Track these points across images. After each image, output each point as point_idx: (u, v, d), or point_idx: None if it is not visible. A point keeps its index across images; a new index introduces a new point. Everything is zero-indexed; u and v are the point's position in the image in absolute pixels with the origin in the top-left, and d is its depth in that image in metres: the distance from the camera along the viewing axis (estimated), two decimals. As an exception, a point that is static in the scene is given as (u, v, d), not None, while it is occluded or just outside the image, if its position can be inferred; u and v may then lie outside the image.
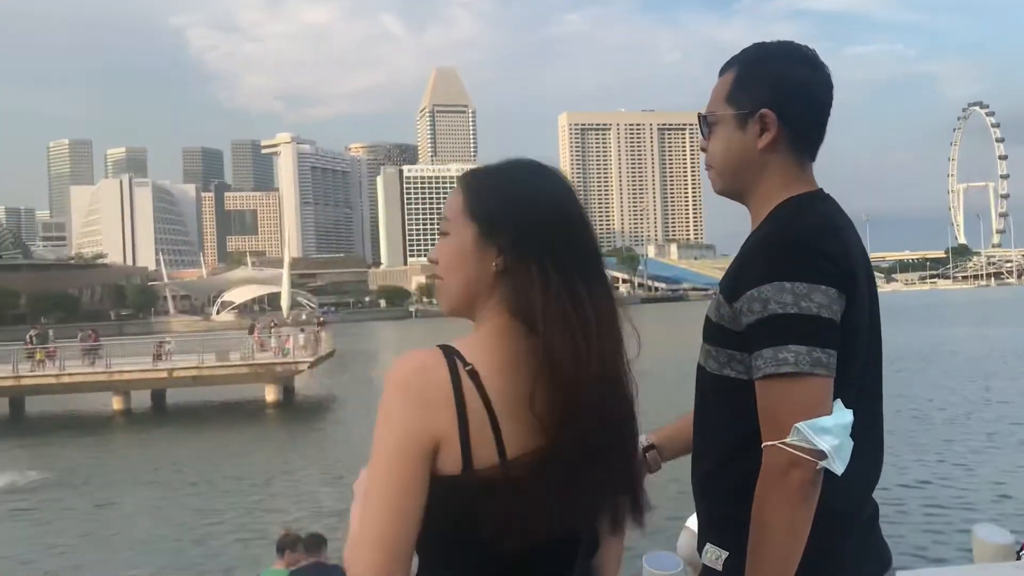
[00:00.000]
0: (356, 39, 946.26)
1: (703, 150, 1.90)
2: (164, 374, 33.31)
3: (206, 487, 18.61)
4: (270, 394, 33.00)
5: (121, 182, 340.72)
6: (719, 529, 1.75)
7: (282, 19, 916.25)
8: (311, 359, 35.21)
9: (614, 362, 1.46)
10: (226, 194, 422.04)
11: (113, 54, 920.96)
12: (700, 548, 1.78)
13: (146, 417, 32.37)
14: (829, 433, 1.54)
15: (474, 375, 1.37)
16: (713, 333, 1.75)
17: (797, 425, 1.55)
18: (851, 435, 1.58)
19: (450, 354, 1.39)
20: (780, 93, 1.76)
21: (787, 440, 1.56)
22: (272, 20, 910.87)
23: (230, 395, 34.32)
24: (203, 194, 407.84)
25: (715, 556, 1.73)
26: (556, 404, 1.39)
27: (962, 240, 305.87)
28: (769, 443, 1.58)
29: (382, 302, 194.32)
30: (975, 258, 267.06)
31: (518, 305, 1.43)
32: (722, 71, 1.86)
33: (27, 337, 36.77)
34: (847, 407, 1.60)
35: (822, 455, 1.54)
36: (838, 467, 1.54)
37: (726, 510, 1.74)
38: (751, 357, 1.64)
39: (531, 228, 1.43)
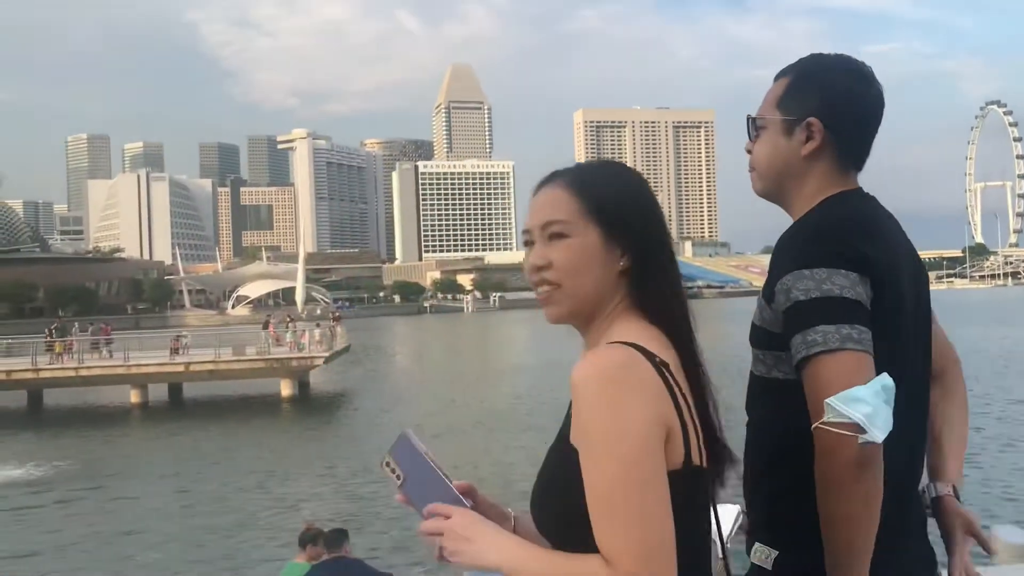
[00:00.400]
0: (372, 35, 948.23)
1: (748, 152, 1.92)
2: (181, 368, 33.49)
3: (224, 480, 18.71)
4: (285, 388, 33.15)
5: (138, 177, 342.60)
6: (768, 529, 1.75)
7: (298, 15, 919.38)
8: (326, 354, 35.30)
9: None
10: (242, 189, 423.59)
11: (130, 49, 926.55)
12: (748, 548, 1.78)
13: (163, 410, 32.58)
14: (861, 402, 1.51)
15: (666, 367, 1.36)
16: (758, 337, 1.77)
17: (827, 401, 1.53)
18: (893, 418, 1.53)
19: (638, 348, 1.36)
20: (829, 103, 1.79)
21: (824, 419, 1.54)
22: (288, 16, 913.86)
23: (246, 389, 34.48)
24: (219, 189, 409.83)
25: (764, 555, 1.73)
26: (715, 411, 1.45)
27: (979, 239, 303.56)
28: (813, 426, 1.57)
29: (396, 297, 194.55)
30: (992, 257, 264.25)
31: (651, 305, 1.44)
32: (777, 77, 1.90)
33: (47, 330, 37.07)
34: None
35: (860, 428, 1.50)
36: (877, 434, 1.50)
37: (775, 510, 1.75)
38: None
39: (649, 226, 1.46)
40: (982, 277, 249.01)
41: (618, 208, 1.44)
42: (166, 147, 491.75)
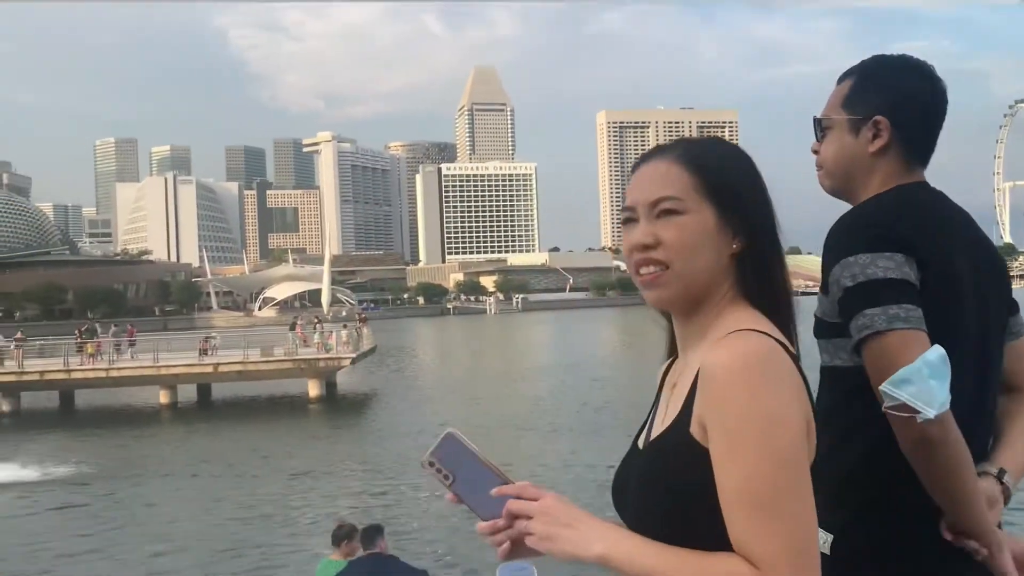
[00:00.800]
0: (396, 39, 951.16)
1: (814, 152, 1.97)
2: (210, 368, 33.84)
3: (254, 479, 18.88)
4: (313, 389, 33.37)
5: (166, 180, 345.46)
6: (825, 514, 1.71)
7: (324, 19, 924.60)
8: (353, 355, 35.54)
9: None
10: (268, 192, 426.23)
11: (158, 54, 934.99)
12: None
13: (192, 411, 32.94)
14: (908, 383, 1.52)
15: (796, 359, 1.29)
16: (820, 328, 1.82)
17: (880, 388, 1.57)
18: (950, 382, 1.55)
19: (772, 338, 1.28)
20: (894, 102, 1.85)
21: (884, 405, 1.57)
22: (314, 20, 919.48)
23: (273, 390, 34.79)
24: (245, 192, 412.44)
25: (822, 540, 1.73)
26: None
27: (1008, 239, 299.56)
28: (883, 408, 1.59)
29: (420, 299, 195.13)
30: (1021, 258, 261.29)
31: (762, 293, 1.35)
32: (840, 79, 1.95)
33: (76, 331, 37.52)
34: None
35: (914, 409, 1.52)
36: (929, 411, 1.51)
37: (831, 496, 1.70)
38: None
39: (762, 207, 1.38)
40: (1011, 278, 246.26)
41: (733, 187, 1.36)
42: (193, 150, 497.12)
